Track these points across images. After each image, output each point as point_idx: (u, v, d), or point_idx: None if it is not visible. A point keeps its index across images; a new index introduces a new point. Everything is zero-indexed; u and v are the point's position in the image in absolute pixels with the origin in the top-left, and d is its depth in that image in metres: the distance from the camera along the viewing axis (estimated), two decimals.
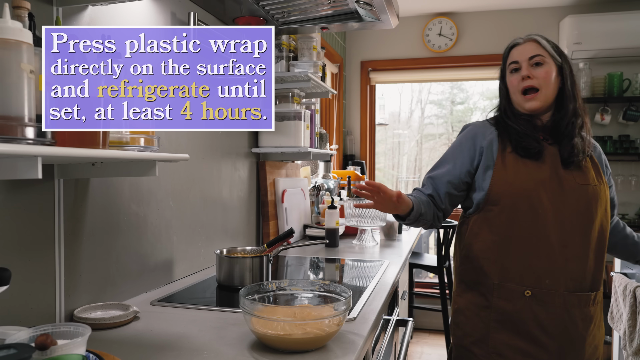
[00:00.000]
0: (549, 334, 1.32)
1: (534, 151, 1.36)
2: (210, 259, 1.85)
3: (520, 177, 1.35)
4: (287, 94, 2.28)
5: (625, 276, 2.37)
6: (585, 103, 1.44)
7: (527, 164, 1.36)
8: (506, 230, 1.36)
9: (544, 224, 1.32)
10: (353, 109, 4.41)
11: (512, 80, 1.41)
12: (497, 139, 1.42)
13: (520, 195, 1.34)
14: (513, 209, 1.35)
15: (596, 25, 3.63)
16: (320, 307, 1.07)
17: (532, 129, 1.39)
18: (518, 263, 1.34)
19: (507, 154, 1.39)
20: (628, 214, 3.86)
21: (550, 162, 1.36)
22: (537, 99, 1.37)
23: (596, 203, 1.35)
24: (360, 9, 1.80)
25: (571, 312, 1.32)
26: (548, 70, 1.37)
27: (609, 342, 3.35)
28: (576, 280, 1.33)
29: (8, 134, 0.74)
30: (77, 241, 1.23)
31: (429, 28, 4.14)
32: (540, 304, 1.32)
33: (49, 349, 0.78)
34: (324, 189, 2.95)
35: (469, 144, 1.44)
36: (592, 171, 1.39)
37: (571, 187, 1.34)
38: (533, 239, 1.33)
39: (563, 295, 1.32)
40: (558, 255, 1.32)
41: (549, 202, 1.33)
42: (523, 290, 1.33)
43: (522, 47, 1.41)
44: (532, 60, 1.38)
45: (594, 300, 1.36)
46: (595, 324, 1.38)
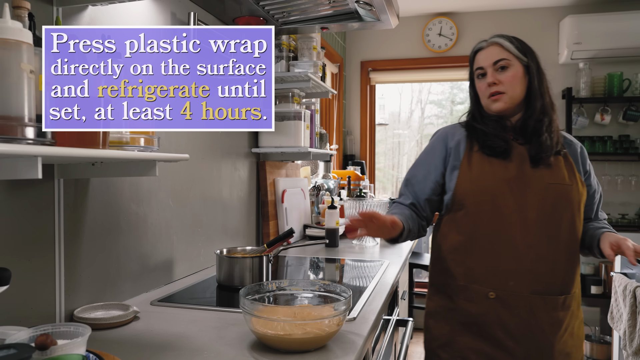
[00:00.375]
0: (515, 338, 1.28)
1: (500, 150, 1.34)
2: (210, 259, 1.85)
3: (485, 176, 1.33)
4: (287, 94, 2.28)
5: (625, 276, 2.37)
6: (553, 100, 1.40)
7: (493, 164, 1.34)
8: (471, 231, 1.33)
9: (509, 223, 1.29)
10: (353, 109, 4.41)
11: (479, 86, 1.40)
12: (465, 139, 1.41)
13: (484, 195, 1.32)
14: (477, 209, 1.33)
15: (596, 25, 3.63)
16: (320, 307, 1.07)
17: (501, 130, 1.37)
18: (482, 264, 1.31)
19: (473, 153, 1.37)
20: (628, 214, 3.86)
21: (518, 161, 1.33)
22: (502, 100, 1.35)
23: (565, 202, 1.31)
24: (360, 9, 1.80)
25: (537, 316, 1.28)
26: (514, 74, 1.35)
27: (609, 342, 3.35)
28: (543, 283, 1.28)
29: (8, 134, 0.74)
30: (77, 241, 1.23)
31: (429, 28, 4.14)
32: (504, 307, 1.28)
33: (49, 349, 0.78)
34: (324, 189, 2.95)
35: (441, 146, 1.43)
36: (563, 170, 1.35)
37: (538, 186, 1.31)
38: (497, 239, 1.30)
39: (528, 297, 1.28)
40: (523, 256, 1.28)
41: (514, 201, 1.30)
42: (487, 292, 1.30)
43: (486, 52, 1.38)
44: (496, 65, 1.35)
45: (563, 305, 1.31)
46: (568, 330, 1.32)
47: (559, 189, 1.31)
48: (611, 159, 3.86)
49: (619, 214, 3.86)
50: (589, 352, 3.46)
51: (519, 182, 1.31)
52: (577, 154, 1.41)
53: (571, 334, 1.33)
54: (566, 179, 1.33)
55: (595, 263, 3.89)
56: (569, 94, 3.78)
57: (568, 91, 3.79)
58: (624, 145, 3.75)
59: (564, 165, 1.35)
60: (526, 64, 1.36)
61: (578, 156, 1.41)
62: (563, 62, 3.87)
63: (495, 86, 1.35)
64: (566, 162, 1.37)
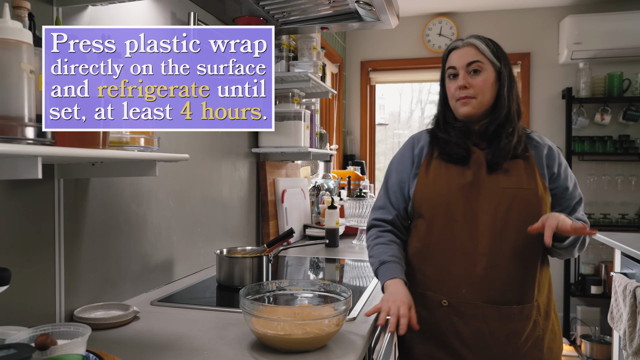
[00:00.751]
0: (469, 347, 1.25)
1: (457, 157, 1.31)
2: (210, 259, 1.85)
3: (440, 183, 1.31)
4: (287, 94, 2.28)
5: (625, 276, 2.37)
6: (520, 108, 1.35)
7: (450, 170, 1.32)
8: (426, 238, 1.31)
9: (461, 230, 1.27)
10: (353, 109, 4.41)
11: (450, 87, 1.35)
12: (427, 146, 1.39)
13: (439, 201, 1.30)
14: (432, 216, 1.31)
15: (596, 25, 3.63)
16: (320, 307, 1.07)
17: (464, 136, 1.34)
18: (436, 271, 1.29)
19: (433, 160, 1.35)
20: (628, 214, 3.86)
21: (475, 167, 1.30)
22: (471, 104, 1.31)
23: (521, 207, 1.26)
24: (360, 9, 1.80)
25: (490, 326, 1.24)
26: (486, 79, 1.31)
27: (609, 342, 3.35)
28: (497, 291, 1.24)
29: (8, 134, 0.74)
30: (77, 241, 1.23)
31: (429, 28, 4.14)
32: (457, 315, 1.26)
33: (49, 349, 0.78)
34: (324, 189, 2.95)
35: (409, 154, 1.42)
36: (522, 173, 1.29)
37: (493, 192, 1.27)
38: (450, 246, 1.28)
39: (481, 306, 1.24)
40: (475, 263, 1.25)
41: (467, 208, 1.27)
42: (440, 300, 1.28)
43: (460, 52, 1.33)
44: (469, 67, 1.31)
45: (520, 315, 1.25)
46: (531, 342, 1.26)
47: (515, 193, 1.26)
48: (611, 159, 3.86)
49: (619, 214, 3.86)
50: (589, 352, 3.46)
51: (473, 188, 1.28)
52: (542, 156, 1.34)
53: (537, 346, 1.27)
54: (524, 183, 1.28)
55: (595, 263, 3.90)
56: (569, 94, 3.79)
57: (568, 91, 3.79)
58: (624, 145, 3.75)
59: (523, 169, 1.30)
60: (499, 69, 1.32)
61: (543, 158, 1.34)
62: (563, 62, 3.87)
63: (465, 90, 1.31)
64: (527, 166, 1.31)
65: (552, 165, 1.34)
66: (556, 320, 1.34)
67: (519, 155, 1.31)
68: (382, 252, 1.32)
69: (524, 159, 1.32)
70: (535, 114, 4.04)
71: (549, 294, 1.33)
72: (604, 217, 3.85)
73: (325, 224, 2.41)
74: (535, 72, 3.99)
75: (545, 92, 4.01)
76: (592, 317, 3.73)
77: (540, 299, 1.29)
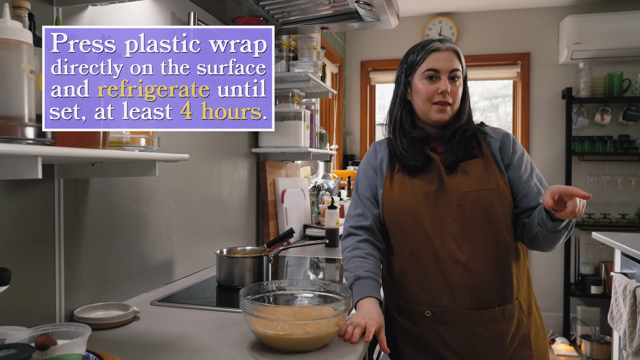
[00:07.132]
0: (458, 354, 1.25)
1: (417, 166, 1.30)
2: (210, 259, 1.85)
3: (405, 193, 1.30)
4: (287, 94, 2.28)
5: (625, 276, 2.37)
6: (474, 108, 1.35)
7: (413, 180, 1.30)
8: (400, 249, 1.30)
9: (432, 239, 1.25)
10: (353, 109, 4.41)
11: (427, 88, 1.30)
12: (387, 158, 1.38)
13: (406, 212, 1.28)
14: (402, 227, 1.29)
15: (596, 25, 3.63)
16: (320, 307, 1.07)
17: (421, 143, 1.33)
18: (415, 283, 1.28)
19: (395, 174, 1.34)
20: (628, 214, 3.86)
21: (436, 172, 1.29)
22: (446, 111, 1.30)
23: (487, 209, 1.24)
24: (360, 9, 1.80)
25: (476, 332, 1.24)
26: (459, 87, 1.32)
27: (609, 342, 3.35)
28: (477, 296, 1.23)
29: (8, 134, 0.74)
30: (77, 241, 1.23)
31: (429, 28, 4.14)
32: (442, 324, 1.25)
33: (49, 349, 0.78)
34: (324, 189, 2.95)
35: (373, 161, 1.41)
36: (482, 173, 1.28)
37: (456, 196, 1.26)
38: (424, 256, 1.26)
39: (463, 313, 1.23)
40: (451, 271, 1.23)
41: (434, 216, 1.26)
42: (424, 311, 1.27)
43: (444, 56, 1.31)
44: (451, 73, 1.30)
45: (503, 316, 1.24)
46: (518, 341, 1.26)
47: (477, 196, 1.25)
48: (611, 159, 3.86)
49: (619, 214, 3.86)
50: (589, 352, 3.46)
51: (437, 195, 1.27)
52: (496, 149, 1.32)
53: (524, 344, 1.27)
54: (484, 183, 1.26)
55: (595, 263, 3.90)
56: (569, 94, 3.79)
57: (568, 91, 3.79)
58: (624, 145, 3.75)
59: (483, 168, 1.28)
60: (465, 77, 1.34)
61: (497, 151, 1.31)
62: (563, 62, 3.87)
63: (448, 96, 1.29)
64: (485, 164, 1.29)
65: (507, 156, 1.32)
66: (538, 314, 1.34)
67: (475, 154, 1.30)
68: (357, 267, 1.28)
69: (482, 156, 1.30)
70: (535, 114, 4.04)
71: (528, 289, 1.32)
72: (604, 217, 3.85)
73: (325, 224, 2.41)
74: (535, 72, 3.99)
75: (545, 92, 4.01)
76: (592, 317, 3.73)
77: (521, 295, 1.29)
